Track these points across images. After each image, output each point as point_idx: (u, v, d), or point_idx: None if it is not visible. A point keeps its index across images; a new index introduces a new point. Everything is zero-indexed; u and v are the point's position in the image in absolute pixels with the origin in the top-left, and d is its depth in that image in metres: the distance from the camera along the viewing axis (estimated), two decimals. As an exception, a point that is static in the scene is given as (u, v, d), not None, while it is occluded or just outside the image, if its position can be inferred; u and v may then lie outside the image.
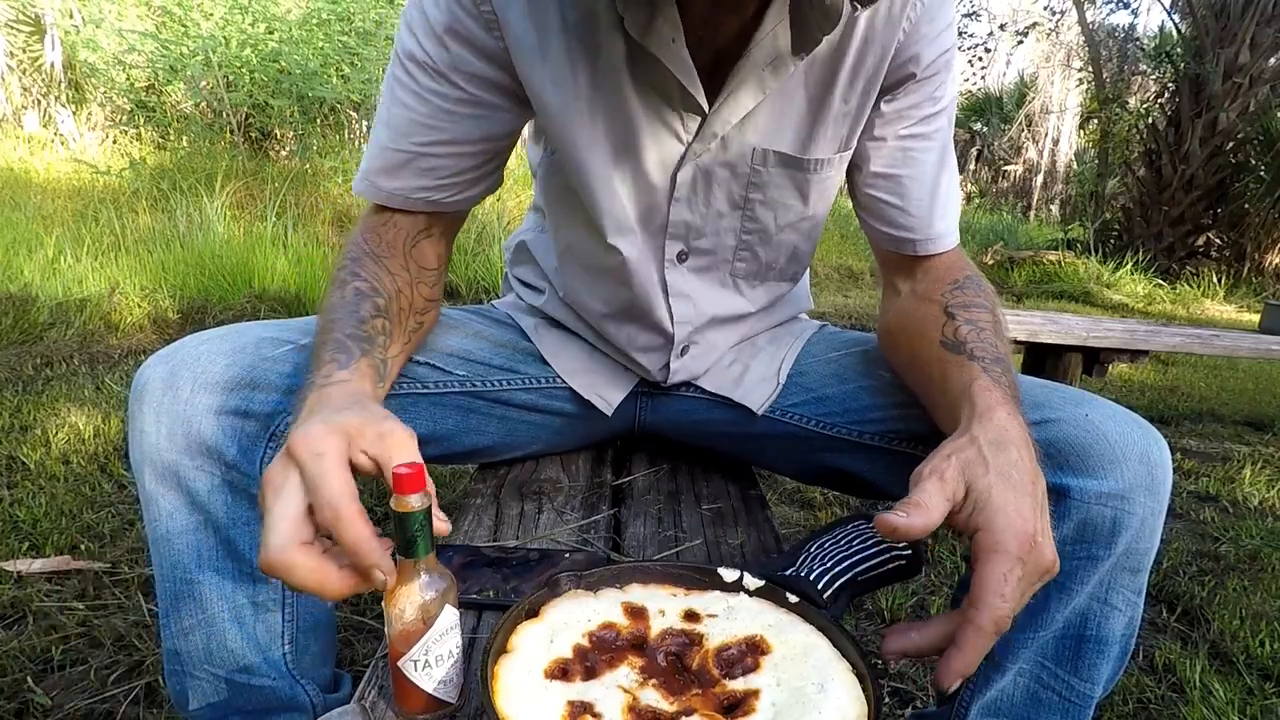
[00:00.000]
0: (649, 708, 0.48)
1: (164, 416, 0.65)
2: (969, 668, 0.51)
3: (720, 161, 0.80)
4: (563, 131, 0.78)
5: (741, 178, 0.82)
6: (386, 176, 0.78)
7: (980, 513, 0.54)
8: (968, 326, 0.73)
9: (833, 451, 0.91)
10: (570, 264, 0.92)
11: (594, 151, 0.78)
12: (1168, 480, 0.68)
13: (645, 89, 0.75)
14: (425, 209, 0.80)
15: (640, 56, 0.73)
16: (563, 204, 0.88)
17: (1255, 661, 1.48)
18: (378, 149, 0.78)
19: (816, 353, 0.97)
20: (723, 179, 0.82)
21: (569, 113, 0.76)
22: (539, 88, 0.75)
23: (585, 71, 0.74)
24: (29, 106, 6.34)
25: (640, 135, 0.77)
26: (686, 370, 0.95)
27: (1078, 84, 15.28)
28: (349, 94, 5.88)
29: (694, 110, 0.76)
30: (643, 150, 0.78)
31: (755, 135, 0.79)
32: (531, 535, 0.85)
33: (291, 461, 0.50)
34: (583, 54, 0.73)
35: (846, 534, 0.68)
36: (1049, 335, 2.50)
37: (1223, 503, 2.33)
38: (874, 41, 0.76)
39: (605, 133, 0.77)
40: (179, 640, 0.70)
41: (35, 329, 3.11)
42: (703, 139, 0.78)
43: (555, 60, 0.74)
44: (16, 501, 1.76)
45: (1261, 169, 8.15)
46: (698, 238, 0.86)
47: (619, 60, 0.73)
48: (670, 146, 0.79)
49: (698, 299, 0.90)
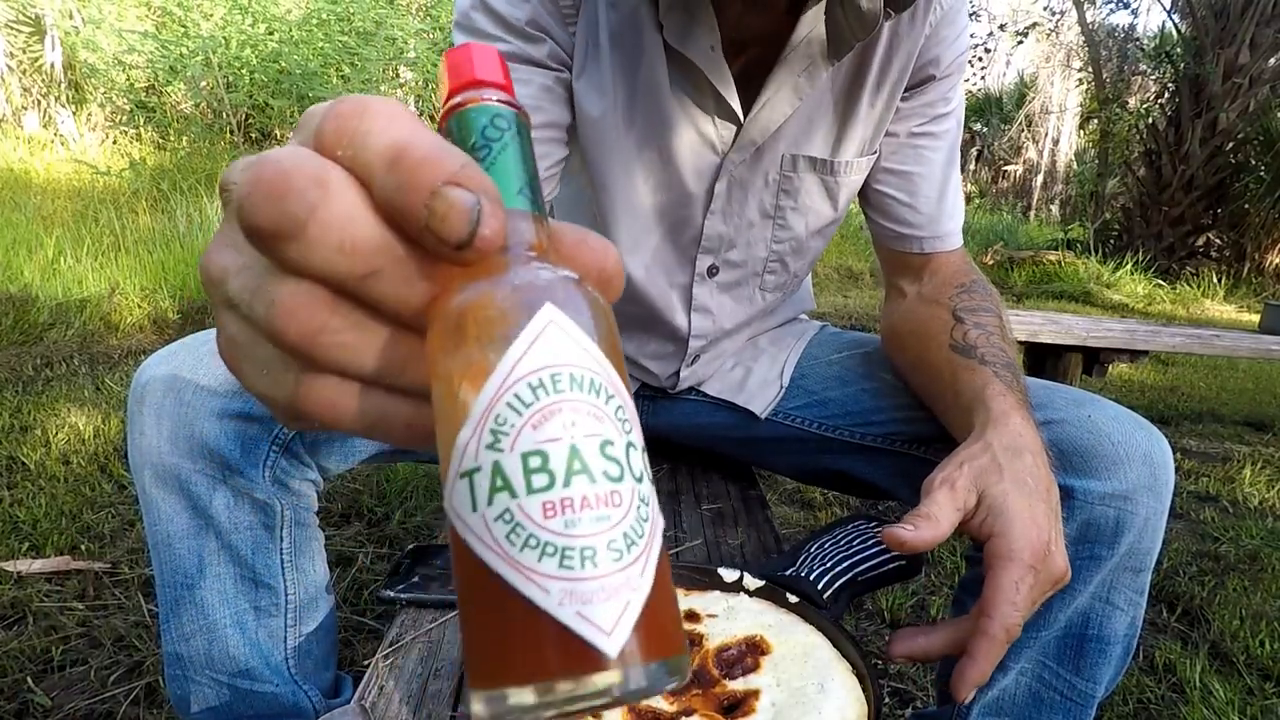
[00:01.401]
0: (649, 708, 0.48)
1: (165, 419, 0.65)
2: (983, 676, 0.51)
3: (753, 171, 0.80)
4: (596, 141, 0.77)
5: (772, 185, 0.82)
6: None
7: (994, 520, 0.54)
8: (977, 331, 0.73)
9: (835, 454, 0.91)
10: None
11: (628, 167, 0.78)
12: (1170, 480, 0.68)
13: (682, 99, 0.75)
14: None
15: (678, 66, 0.73)
16: (569, 218, 0.88)
17: (1255, 661, 1.48)
18: None
19: (818, 354, 0.97)
20: (755, 188, 0.82)
21: (606, 124, 0.76)
22: (583, 94, 0.75)
23: (626, 80, 0.75)
24: (29, 107, 6.34)
25: (677, 146, 0.77)
26: (695, 376, 0.95)
27: (1078, 84, 15.28)
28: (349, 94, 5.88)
29: (729, 119, 0.76)
30: (679, 161, 0.78)
31: (786, 142, 0.79)
32: (531, 535, 0.84)
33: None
34: (623, 65, 0.74)
35: (846, 534, 0.68)
36: (1049, 335, 2.50)
37: (1223, 503, 2.33)
38: (899, 45, 0.76)
39: (639, 145, 0.77)
40: (180, 645, 0.70)
41: (35, 329, 3.11)
42: (739, 149, 0.78)
43: (604, 66, 0.74)
44: (16, 502, 1.76)
45: (1261, 169, 8.15)
46: (729, 250, 0.86)
47: (659, 72, 0.74)
48: (705, 157, 0.79)
49: (719, 314, 0.90)
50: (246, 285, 0.22)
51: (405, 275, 0.22)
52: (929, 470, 0.82)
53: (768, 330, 1.01)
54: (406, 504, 1.89)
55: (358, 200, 0.21)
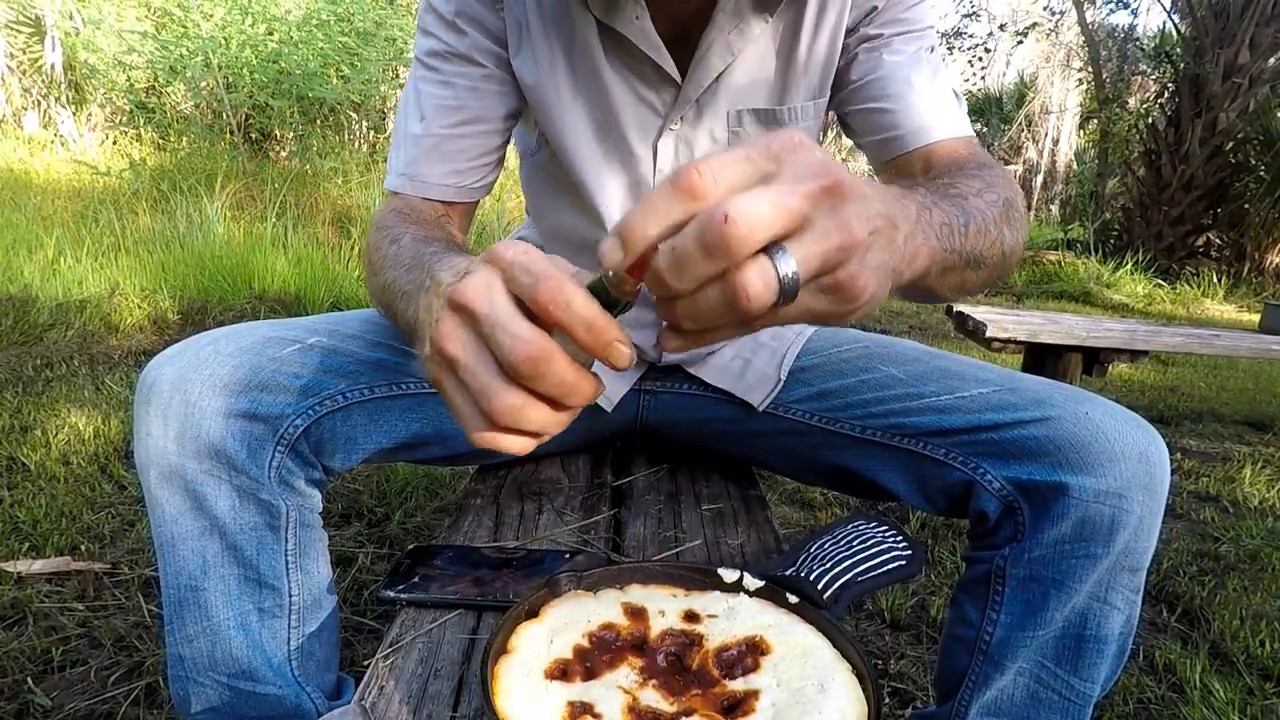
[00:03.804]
0: (649, 708, 0.48)
1: (172, 419, 0.65)
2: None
3: (699, 129, 0.83)
4: (545, 114, 0.81)
5: (720, 142, 0.84)
6: (418, 165, 0.81)
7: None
8: (955, 188, 0.62)
9: (835, 449, 0.91)
10: (556, 248, 0.93)
11: (578, 132, 0.82)
12: (1165, 479, 0.68)
13: (619, 67, 0.79)
14: (449, 197, 0.82)
15: (611, 35, 0.77)
16: (548, 189, 0.91)
17: (1255, 661, 1.48)
18: (409, 140, 0.81)
19: (818, 349, 0.97)
20: (702, 146, 0.84)
21: (550, 95, 0.80)
22: (521, 69, 0.80)
23: (563, 54, 0.78)
24: (29, 107, 6.34)
25: (620, 112, 0.81)
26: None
27: (1077, 84, 15.28)
28: (349, 95, 5.89)
29: (667, 82, 0.80)
30: (624, 126, 0.82)
31: (729, 98, 0.82)
32: (531, 536, 0.85)
33: (485, 273, 0.40)
34: (559, 37, 0.78)
35: (846, 534, 0.68)
36: (1049, 335, 2.50)
37: (1223, 503, 2.33)
38: None
39: (586, 112, 0.81)
40: (183, 646, 0.70)
41: (35, 330, 3.12)
42: (678, 108, 0.81)
43: (536, 43, 0.78)
44: (16, 502, 1.76)
45: (1261, 169, 8.15)
46: None
47: (592, 41, 0.78)
48: (649, 120, 0.82)
49: None
50: (476, 379, 0.39)
51: (584, 394, 0.40)
52: (931, 466, 0.82)
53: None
54: (406, 504, 1.89)
55: (566, 360, 0.38)
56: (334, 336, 0.77)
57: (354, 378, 0.76)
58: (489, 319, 0.39)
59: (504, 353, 0.38)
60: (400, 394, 0.82)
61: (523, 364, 0.37)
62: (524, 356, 0.37)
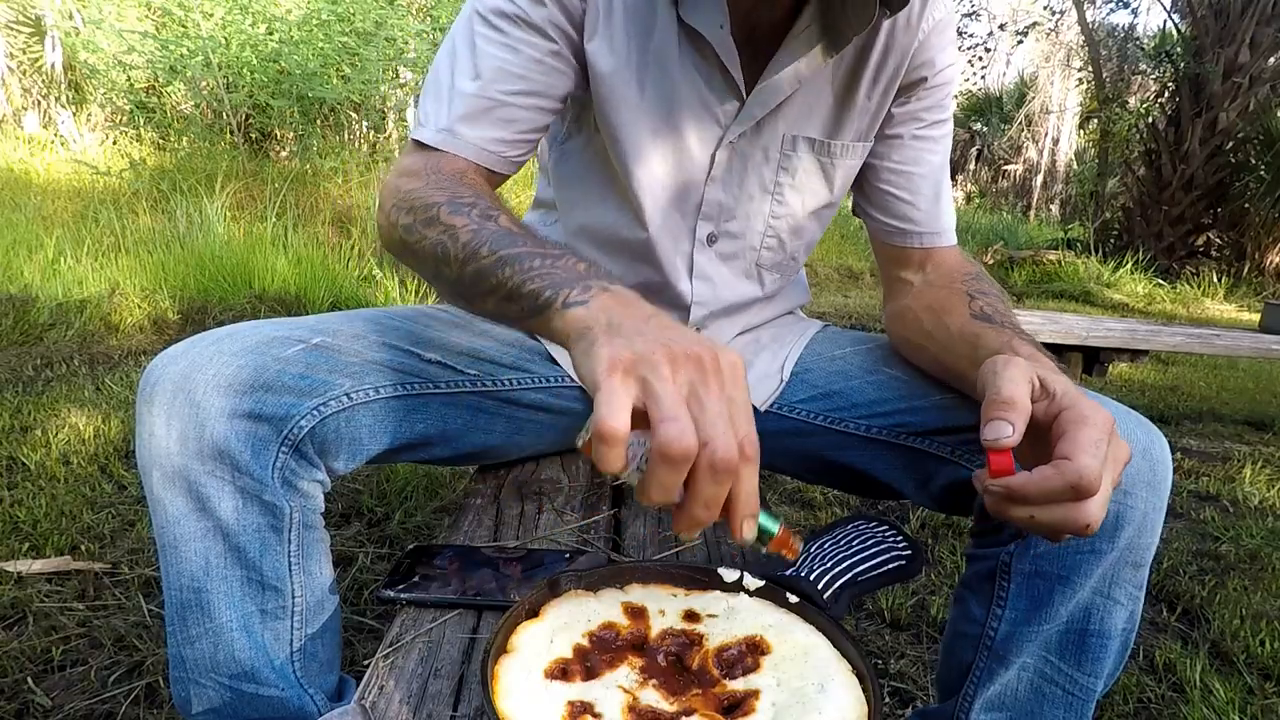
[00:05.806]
0: (649, 708, 0.48)
1: (175, 419, 0.64)
2: (1034, 498, 0.53)
3: (753, 145, 0.86)
4: (611, 103, 0.82)
5: (772, 162, 0.88)
6: (468, 124, 0.77)
7: (1061, 398, 0.57)
8: (992, 307, 0.78)
9: (838, 448, 0.92)
10: (582, 246, 0.92)
11: (640, 126, 0.83)
12: (1168, 476, 0.69)
13: (690, 72, 0.81)
14: (490, 164, 0.79)
15: (689, 38, 0.79)
16: (582, 184, 0.92)
17: (1255, 661, 1.48)
18: (458, 96, 0.77)
19: (820, 350, 0.97)
20: (755, 162, 0.88)
21: (620, 85, 0.81)
22: (595, 55, 0.80)
23: (638, 45, 0.80)
24: (29, 107, 6.34)
25: (683, 113, 0.83)
26: None
27: (1078, 84, 15.28)
28: (349, 95, 5.88)
29: (733, 94, 0.82)
30: (684, 128, 0.84)
31: (786, 123, 0.86)
32: (531, 535, 0.85)
33: (694, 361, 0.49)
34: (638, 29, 0.80)
35: (846, 534, 0.68)
36: (1049, 335, 2.50)
37: (1223, 502, 2.33)
38: (895, 45, 0.84)
39: (650, 107, 0.83)
40: (185, 647, 0.69)
41: (35, 330, 3.12)
42: (740, 122, 0.84)
43: (616, 30, 0.80)
44: (16, 502, 1.76)
45: (1261, 168, 8.15)
46: (728, 220, 0.91)
47: (670, 39, 0.80)
48: (709, 127, 0.85)
49: (719, 284, 0.94)
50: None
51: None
52: (935, 464, 0.83)
53: (767, 322, 1.02)
54: (406, 504, 1.89)
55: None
56: (338, 336, 0.76)
57: (359, 378, 0.75)
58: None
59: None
60: (405, 394, 0.81)
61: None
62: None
